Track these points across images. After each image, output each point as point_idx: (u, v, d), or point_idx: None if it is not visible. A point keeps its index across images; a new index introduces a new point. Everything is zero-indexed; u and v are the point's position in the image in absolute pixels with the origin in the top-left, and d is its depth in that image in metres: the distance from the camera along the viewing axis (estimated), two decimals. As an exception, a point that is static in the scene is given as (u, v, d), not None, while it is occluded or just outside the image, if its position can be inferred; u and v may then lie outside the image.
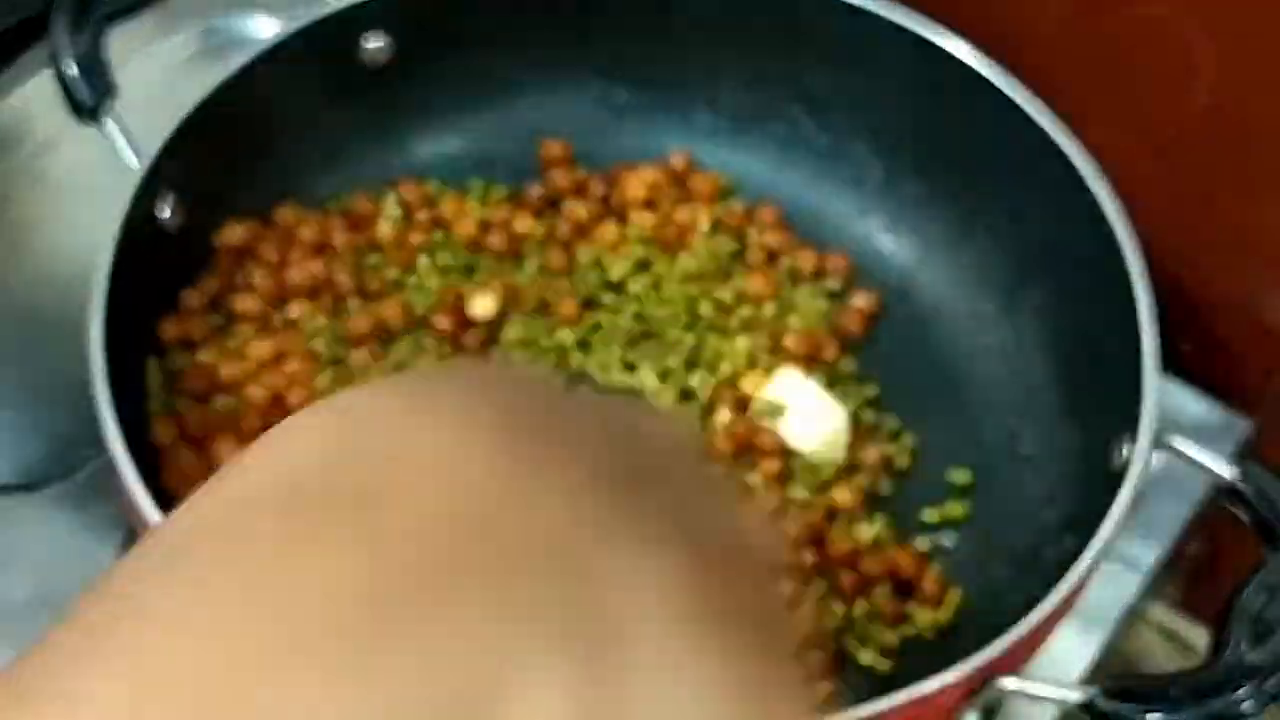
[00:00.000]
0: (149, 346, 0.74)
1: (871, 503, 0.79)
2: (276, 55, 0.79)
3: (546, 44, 0.87)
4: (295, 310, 0.79)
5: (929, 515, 0.79)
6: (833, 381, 0.81)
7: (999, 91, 0.79)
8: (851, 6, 0.82)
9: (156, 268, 0.75)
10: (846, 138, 0.87)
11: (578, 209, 0.85)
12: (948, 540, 0.78)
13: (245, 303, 0.79)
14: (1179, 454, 0.70)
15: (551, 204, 0.86)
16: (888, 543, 0.77)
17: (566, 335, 0.81)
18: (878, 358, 0.84)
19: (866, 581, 0.76)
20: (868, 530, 0.77)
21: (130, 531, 0.78)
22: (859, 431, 0.80)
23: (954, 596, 0.76)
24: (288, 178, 0.84)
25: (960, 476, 0.80)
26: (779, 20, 0.84)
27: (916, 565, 0.76)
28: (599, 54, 0.87)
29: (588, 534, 0.31)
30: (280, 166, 0.83)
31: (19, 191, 0.93)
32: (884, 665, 0.74)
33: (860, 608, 0.75)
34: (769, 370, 0.80)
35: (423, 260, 0.82)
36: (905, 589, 0.76)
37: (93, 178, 0.86)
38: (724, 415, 0.79)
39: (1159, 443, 0.70)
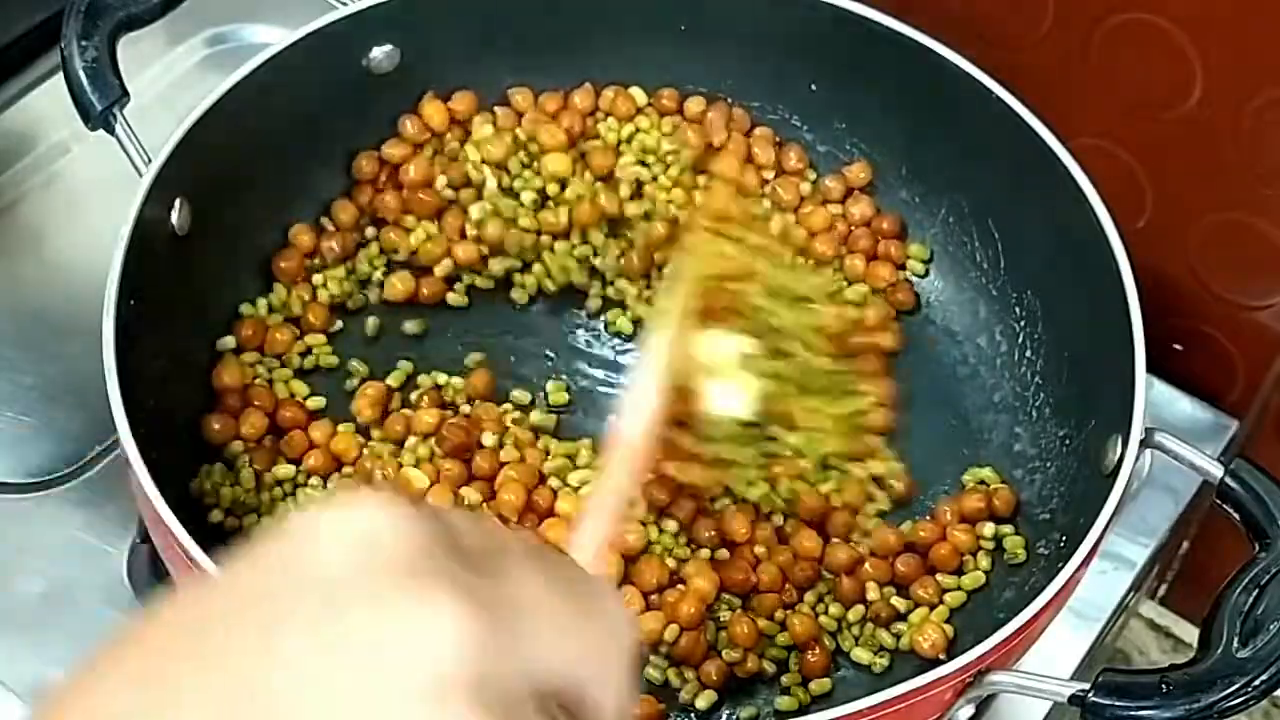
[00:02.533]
0: (159, 347, 0.75)
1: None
2: (282, 62, 0.80)
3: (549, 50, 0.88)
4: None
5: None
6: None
7: (992, 97, 0.80)
8: (846, 15, 0.83)
9: (165, 269, 0.76)
10: (842, 144, 0.88)
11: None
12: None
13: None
14: (1169, 453, 0.70)
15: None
16: (890, 548, 0.78)
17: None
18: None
19: (865, 587, 0.76)
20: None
21: (141, 528, 0.79)
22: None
23: (951, 597, 0.77)
24: (293, 182, 0.85)
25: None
26: (777, 30, 0.85)
27: (915, 572, 0.77)
28: (598, 64, 0.88)
29: None
30: (286, 171, 0.84)
31: (30, 195, 0.94)
32: (880, 662, 0.75)
33: (856, 612, 0.76)
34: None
35: None
36: (901, 588, 0.77)
37: (103, 182, 0.87)
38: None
39: (1149, 442, 0.70)
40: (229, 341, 0.81)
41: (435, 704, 0.32)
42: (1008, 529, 0.78)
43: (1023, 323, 0.83)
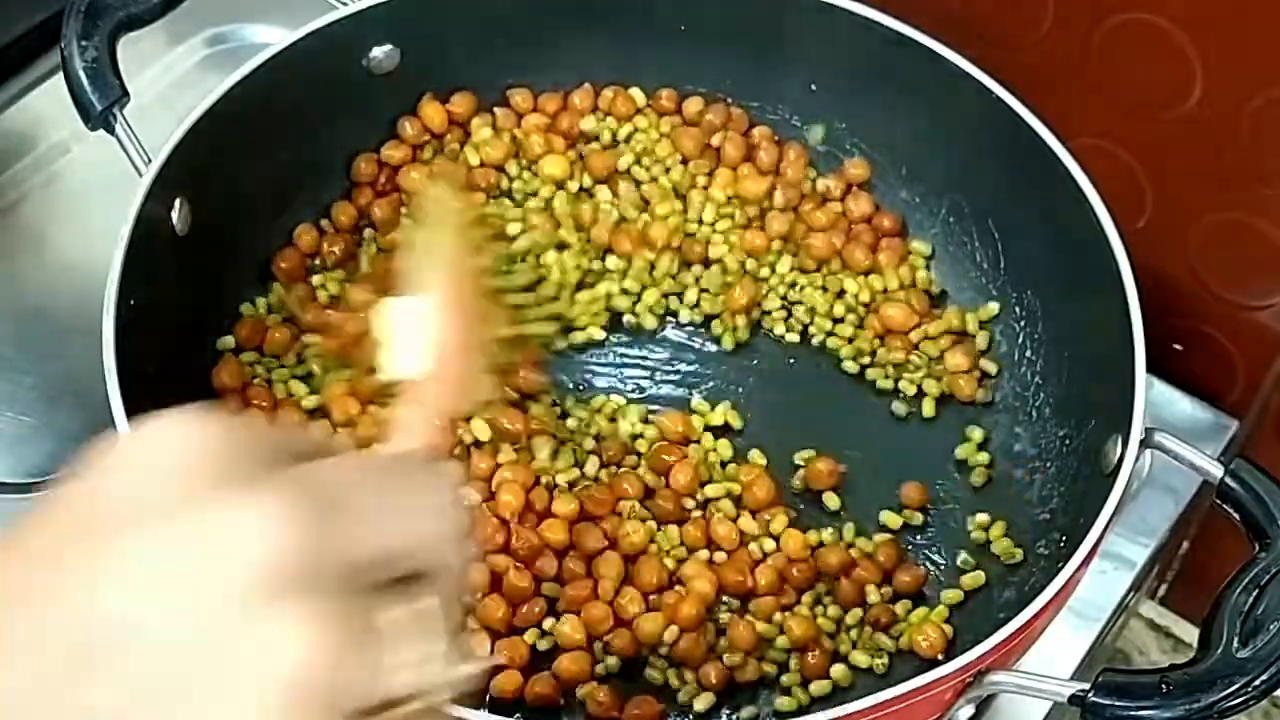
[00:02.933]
0: (159, 347, 0.75)
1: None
2: (282, 62, 0.80)
3: (549, 51, 0.88)
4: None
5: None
6: None
7: (992, 97, 0.80)
8: (846, 15, 0.83)
9: (165, 269, 0.76)
10: (842, 144, 0.88)
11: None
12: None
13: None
14: (1169, 453, 0.70)
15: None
16: (885, 552, 0.78)
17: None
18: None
19: (862, 589, 0.76)
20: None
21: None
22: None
23: (950, 595, 0.77)
24: (293, 182, 0.85)
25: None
26: (777, 30, 0.85)
27: (914, 581, 0.77)
28: (598, 64, 0.88)
29: None
30: (286, 171, 0.84)
31: (30, 195, 0.94)
32: (880, 663, 0.75)
33: (855, 615, 0.76)
34: None
35: None
36: (900, 591, 0.77)
37: (103, 181, 0.87)
38: None
39: (1149, 442, 0.70)
40: (229, 341, 0.81)
41: (262, 596, 0.35)
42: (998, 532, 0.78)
43: (1023, 323, 0.83)
